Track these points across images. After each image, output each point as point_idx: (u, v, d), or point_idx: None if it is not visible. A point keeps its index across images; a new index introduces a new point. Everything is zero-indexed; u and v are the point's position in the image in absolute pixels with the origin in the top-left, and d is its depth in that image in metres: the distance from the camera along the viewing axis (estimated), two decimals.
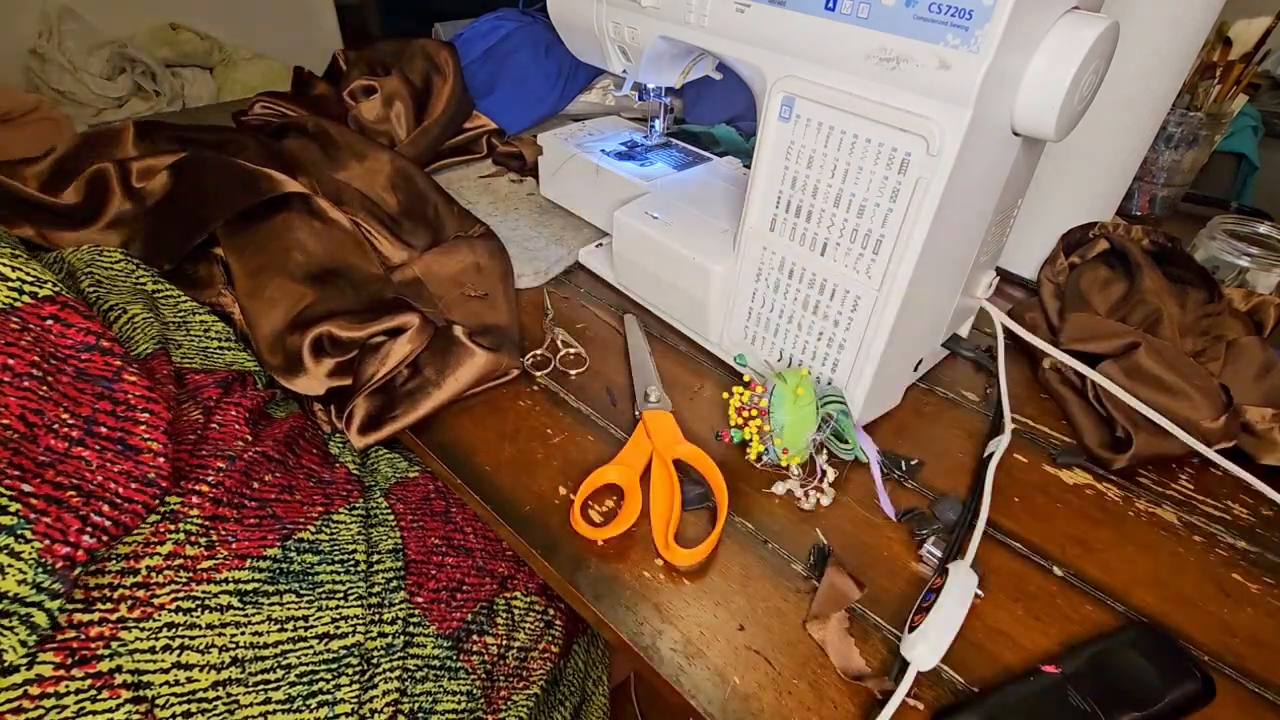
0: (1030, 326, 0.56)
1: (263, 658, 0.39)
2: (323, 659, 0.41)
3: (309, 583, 0.43)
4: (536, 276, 0.65)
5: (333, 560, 0.44)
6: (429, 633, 0.45)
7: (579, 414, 0.51)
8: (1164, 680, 0.33)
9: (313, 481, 0.48)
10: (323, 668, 0.40)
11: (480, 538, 0.51)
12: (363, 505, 0.48)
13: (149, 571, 0.37)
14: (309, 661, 0.40)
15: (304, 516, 0.45)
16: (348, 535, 0.46)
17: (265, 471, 0.45)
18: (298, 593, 0.42)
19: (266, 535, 0.42)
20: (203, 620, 0.38)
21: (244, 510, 0.42)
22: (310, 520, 0.45)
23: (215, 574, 0.39)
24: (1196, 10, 0.54)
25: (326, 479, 0.49)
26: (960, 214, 0.41)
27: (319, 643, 0.41)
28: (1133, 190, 0.79)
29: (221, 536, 0.40)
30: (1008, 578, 0.40)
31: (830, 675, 0.35)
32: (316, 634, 0.41)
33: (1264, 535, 0.44)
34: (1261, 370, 0.50)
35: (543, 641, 0.51)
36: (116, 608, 0.36)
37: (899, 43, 0.36)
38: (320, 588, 0.43)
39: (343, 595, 0.43)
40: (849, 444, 0.45)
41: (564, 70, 0.92)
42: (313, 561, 0.44)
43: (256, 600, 0.41)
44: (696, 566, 0.40)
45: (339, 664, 0.41)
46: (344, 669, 0.41)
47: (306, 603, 0.42)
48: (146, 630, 0.36)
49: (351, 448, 0.53)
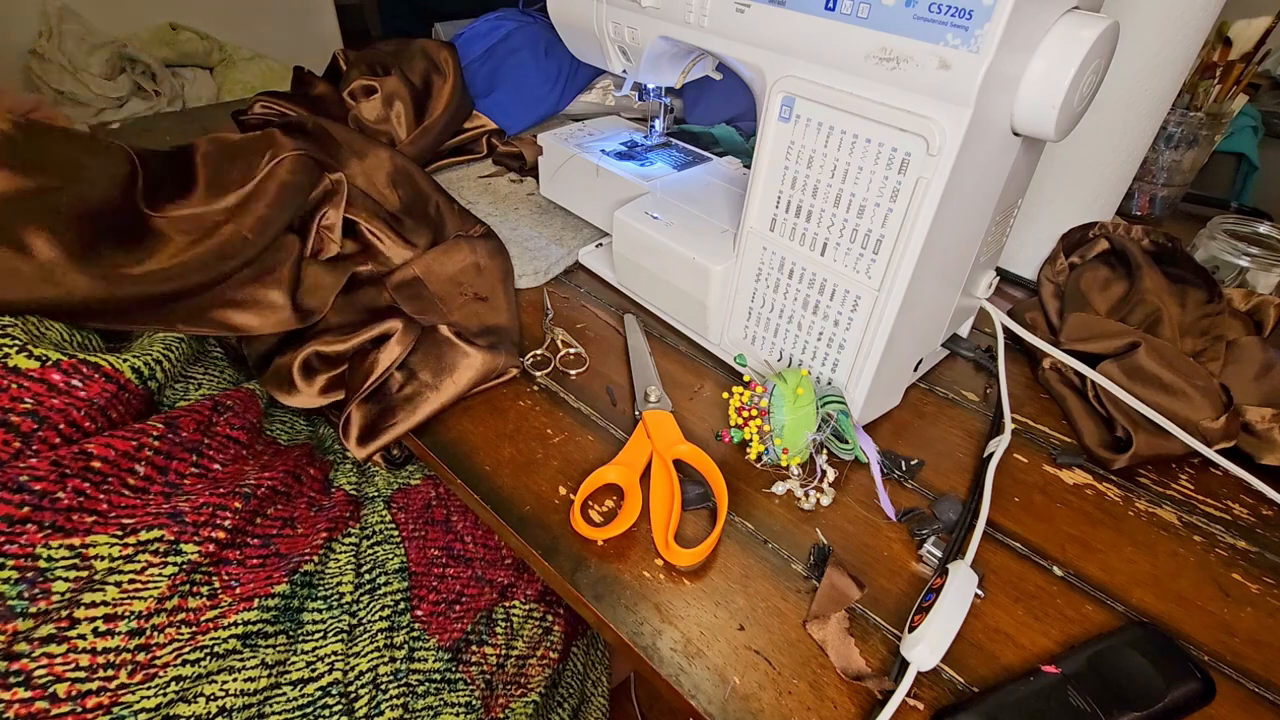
0: (1030, 326, 0.56)
1: (248, 706, 0.38)
2: (298, 705, 0.39)
3: (295, 622, 0.41)
4: (536, 276, 0.65)
5: (316, 596, 0.43)
6: (429, 646, 0.45)
7: (579, 414, 0.51)
8: (1164, 680, 0.33)
9: (314, 510, 0.47)
10: (298, 714, 0.39)
11: (480, 546, 0.51)
12: (356, 533, 0.47)
13: (153, 631, 0.36)
14: (283, 710, 0.39)
15: (309, 547, 0.44)
16: (335, 568, 0.45)
17: (269, 505, 0.44)
18: (288, 634, 0.41)
19: (273, 573, 0.41)
20: (209, 668, 0.37)
21: (246, 550, 0.41)
22: (315, 550, 0.44)
23: (221, 621, 0.38)
24: (1196, 10, 0.54)
25: (325, 505, 0.48)
26: (960, 214, 0.41)
27: (293, 689, 0.40)
28: (1133, 190, 0.79)
29: (224, 582, 0.39)
30: (1008, 578, 0.40)
31: (830, 675, 0.35)
32: (291, 680, 0.40)
33: (1264, 535, 0.44)
34: (1261, 370, 0.50)
35: (541, 648, 0.51)
36: (116, 674, 0.34)
37: (899, 43, 0.36)
38: (302, 628, 0.41)
39: (322, 634, 0.42)
40: (849, 444, 0.45)
41: (564, 70, 0.92)
42: (304, 596, 0.42)
43: (254, 644, 0.39)
44: (696, 566, 0.40)
45: (314, 706, 0.39)
46: (320, 711, 0.39)
47: (285, 647, 0.40)
48: (153, 688, 0.35)
49: (353, 460, 0.52)
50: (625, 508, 0.43)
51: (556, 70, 0.92)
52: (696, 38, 0.48)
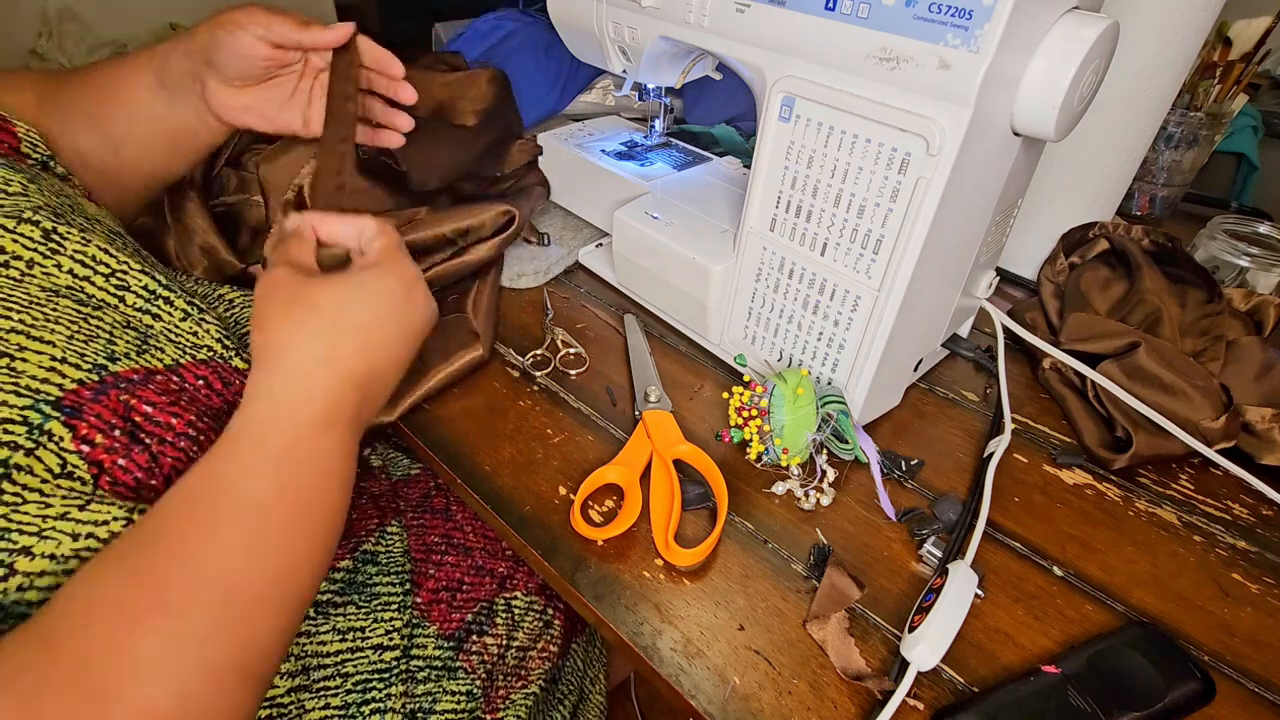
0: (1030, 326, 0.56)
1: (324, 666, 0.40)
2: (376, 668, 0.41)
3: (368, 594, 0.43)
4: (536, 276, 0.65)
5: (388, 572, 0.45)
6: (429, 633, 0.45)
7: (579, 414, 0.51)
8: (1164, 680, 0.33)
9: (364, 499, 0.49)
10: (375, 677, 0.41)
11: (480, 536, 0.51)
12: (401, 516, 0.49)
13: None
14: (364, 671, 0.41)
15: (364, 530, 0.46)
16: (400, 547, 0.47)
17: None
18: (357, 604, 0.43)
19: (338, 549, 0.43)
20: None
21: None
22: (370, 533, 0.46)
23: None
24: (1196, 10, 0.54)
25: (376, 492, 0.50)
26: (960, 214, 0.41)
27: (374, 653, 0.42)
28: (1133, 190, 0.79)
29: None
30: (1008, 578, 0.40)
31: (830, 675, 0.35)
32: (372, 644, 0.42)
33: (1264, 535, 0.44)
34: (1261, 370, 0.50)
35: (541, 641, 0.51)
36: None
37: (899, 43, 0.36)
38: (377, 599, 0.43)
39: (395, 607, 0.44)
40: (849, 444, 0.45)
41: (564, 70, 0.92)
42: (372, 573, 0.44)
43: (326, 611, 0.41)
44: (696, 566, 0.40)
45: (389, 673, 0.41)
46: (394, 678, 0.41)
47: (364, 614, 0.42)
48: None
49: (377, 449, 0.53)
50: (625, 508, 0.43)
51: (556, 70, 0.92)
52: (696, 38, 0.48)
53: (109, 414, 0.32)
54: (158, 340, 0.37)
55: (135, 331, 0.36)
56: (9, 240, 0.34)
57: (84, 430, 0.31)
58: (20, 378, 0.30)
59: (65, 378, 0.31)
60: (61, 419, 0.30)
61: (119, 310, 0.37)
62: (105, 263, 0.37)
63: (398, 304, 0.36)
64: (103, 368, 0.33)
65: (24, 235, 0.35)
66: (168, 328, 0.38)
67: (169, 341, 0.38)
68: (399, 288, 0.36)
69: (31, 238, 0.35)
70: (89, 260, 0.36)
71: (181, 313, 0.39)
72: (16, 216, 0.35)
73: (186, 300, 0.40)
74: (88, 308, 0.35)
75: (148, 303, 0.38)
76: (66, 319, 0.34)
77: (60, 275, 0.35)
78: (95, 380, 0.32)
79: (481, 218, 0.57)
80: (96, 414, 0.31)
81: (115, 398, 0.32)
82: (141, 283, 0.38)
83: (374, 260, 0.36)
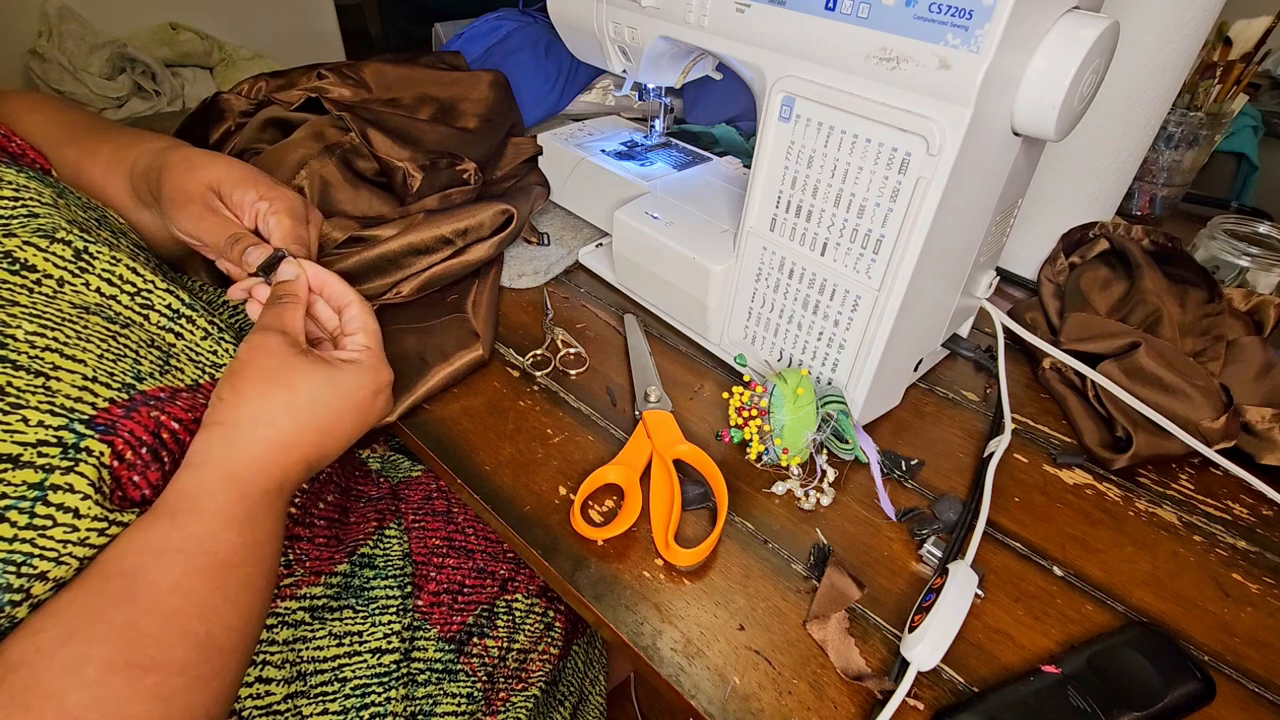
0: (1030, 326, 0.56)
1: (321, 671, 0.40)
2: (374, 673, 0.41)
3: (365, 598, 0.44)
4: (536, 276, 0.65)
5: (386, 575, 0.45)
6: (430, 636, 0.45)
7: (579, 414, 0.51)
8: (1164, 680, 0.33)
9: (362, 502, 0.49)
10: (374, 681, 0.41)
11: (481, 539, 0.51)
12: (401, 519, 0.49)
13: None
14: (363, 675, 0.41)
15: (362, 533, 0.46)
16: (399, 550, 0.47)
17: (328, 492, 0.46)
18: (354, 608, 0.43)
19: (335, 554, 0.43)
20: (280, 636, 0.39)
21: (315, 529, 0.43)
22: (368, 536, 0.46)
23: (295, 590, 0.40)
24: (1196, 10, 0.54)
25: (374, 495, 0.50)
26: (960, 214, 0.41)
27: (372, 657, 0.42)
28: (1133, 190, 0.79)
29: (298, 555, 0.41)
30: (1008, 578, 0.40)
31: (830, 675, 0.35)
32: (370, 649, 0.42)
33: (1264, 535, 0.44)
34: (1261, 370, 0.50)
35: (542, 643, 0.51)
36: None
37: (899, 42, 0.36)
38: (374, 603, 0.44)
39: (394, 610, 0.44)
40: (849, 444, 0.45)
41: (564, 70, 0.92)
42: (370, 576, 0.45)
43: (322, 616, 0.42)
44: (696, 566, 0.40)
45: (389, 677, 0.42)
46: (394, 682, 0.42)
47: (362, 618, 0.43)
48: None
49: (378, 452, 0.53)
50: (625, 508, 0.43)
51: (556, 70, 0.92)
52: (696, 38, 0.48)
53: (141, 430, 0.32)
54: (179, 359, 0.37)
55: (159, 350, 0.37)
56: (41, 259, 0.34)
57: (120, 445, 0.31)
58: (55, 396, 0.30)
59: (98, 396, 0.32)
60: (96, 436, 0.30)
61: (144, 328, 0.37)
62: (132, 281, 0.37)
63: (364, 403, 0.38)
64: (131, 386, 0.33)
65: (56, 255, 0.35)
66: (189, 346, 0.38)
67: (189, 360, 0.38)
68: (370, 391, 0.38)
69: (63, 256, 0.35)
70: (116, 279, 0.37)
71: (203, 332, 0.39)
72: (49, 235, 0.35)
73: (207, 319, 0.40)
74: (115, 325, 0.35)
75: (171, 321, 0.38)
76: (97, 337, 0.34)
77: (88, 294, 0.36)
78: (125, 399, 0.33)
79: (480, 217, 0.57)
80: (130, 430, 0.32)
81: (146, 414, 0.33)
82: (165, 301, 0.38)
83: (356, 358, 0.38)
